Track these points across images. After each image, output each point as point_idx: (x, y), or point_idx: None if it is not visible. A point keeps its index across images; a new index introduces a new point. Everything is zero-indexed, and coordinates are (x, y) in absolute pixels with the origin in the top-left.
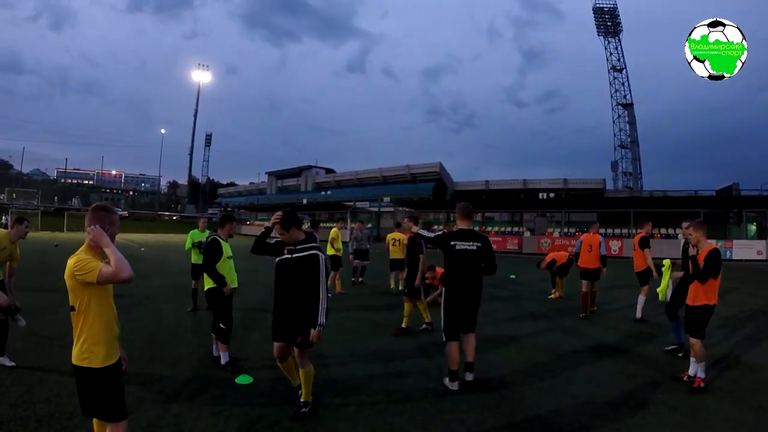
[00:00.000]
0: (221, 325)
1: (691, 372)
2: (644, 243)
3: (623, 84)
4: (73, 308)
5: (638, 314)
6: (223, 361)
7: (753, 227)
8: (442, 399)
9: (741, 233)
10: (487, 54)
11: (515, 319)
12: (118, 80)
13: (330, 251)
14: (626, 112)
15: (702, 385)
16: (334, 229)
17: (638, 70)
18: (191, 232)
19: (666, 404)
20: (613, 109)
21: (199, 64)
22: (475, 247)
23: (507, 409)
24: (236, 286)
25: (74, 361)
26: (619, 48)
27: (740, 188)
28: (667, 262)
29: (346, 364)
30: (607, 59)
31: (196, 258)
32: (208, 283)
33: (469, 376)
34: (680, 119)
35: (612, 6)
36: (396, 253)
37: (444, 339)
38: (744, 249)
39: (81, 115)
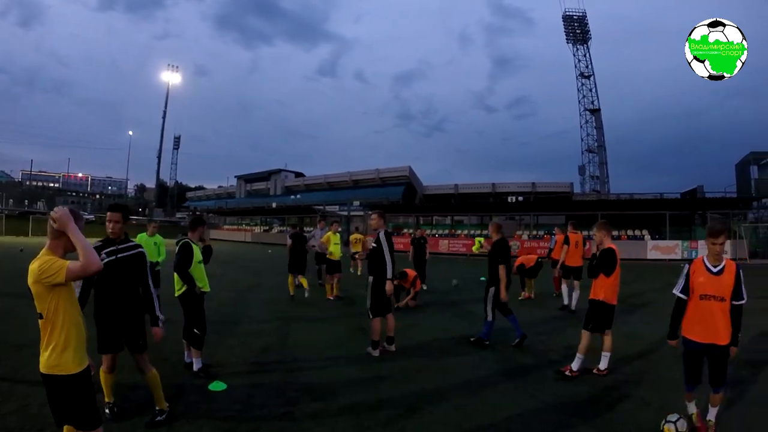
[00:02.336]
0: (195, 330)
1: (602, 366)
2: (566, 242)
3: (591, 90)
4: (41, 315)
5: (572, 306)
6: (195, 368)
7: None
8: (422, 401)
9: (706, 234)
10: (459, 60)
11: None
12: (88, 80)
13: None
14: (593, 118)
15: (568, 373)
16: (329, 234)
17: (606, 76)
18: (139, 236)
19: (640, 399)
20: (580, 115)
21: (169, 65)
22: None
23: (488, 407)
24: (209, 290)
25: (44, 369)
26: (587, 55)
27: (705, 191)
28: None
29: (324, 369)
30: (576, 66)
31: None
32: (178, 288)
33: (392, 347)
34: (647, 125)
35: (581, 14)
36: (356, 247)
37: (371, 317)
38: None
39: (48, 116)
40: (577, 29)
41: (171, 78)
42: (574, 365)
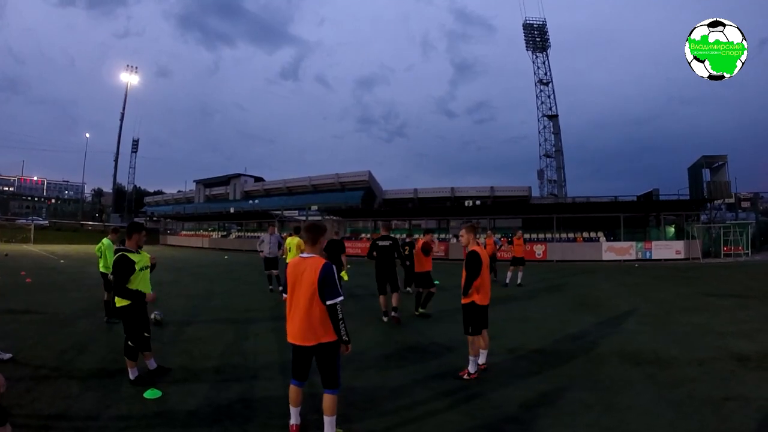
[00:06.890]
0: (129, 342)
1: (470, 369)
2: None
3: (549, 96)
4: None
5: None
6: (132, 377)
7: (671, 229)
8: (365, 405)
9: (660, 235)
10: (420, 65)
11: (437, 323)
12: (44, 78)
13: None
14: (551, 123)
15: (466, 377)
16: (289, 239)
17: (564, 83)
18: (104, 240)
19: (581, 402)
20: (539, 120)
21: (128, 66)
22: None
23: (427, 414)
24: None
25: None
26: (546, 62)
27: (659, 193)
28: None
29: (273, 379)
30: (535, 73)
31: (104, 268)
32: (120, 301)
33: (395, 313)
34: (603, 130)
35: (541, 23)
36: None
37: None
38: (663, 249)
39: (2, 115)
40: (537, 37)
41: (130, 79)
42: (471, 368)
